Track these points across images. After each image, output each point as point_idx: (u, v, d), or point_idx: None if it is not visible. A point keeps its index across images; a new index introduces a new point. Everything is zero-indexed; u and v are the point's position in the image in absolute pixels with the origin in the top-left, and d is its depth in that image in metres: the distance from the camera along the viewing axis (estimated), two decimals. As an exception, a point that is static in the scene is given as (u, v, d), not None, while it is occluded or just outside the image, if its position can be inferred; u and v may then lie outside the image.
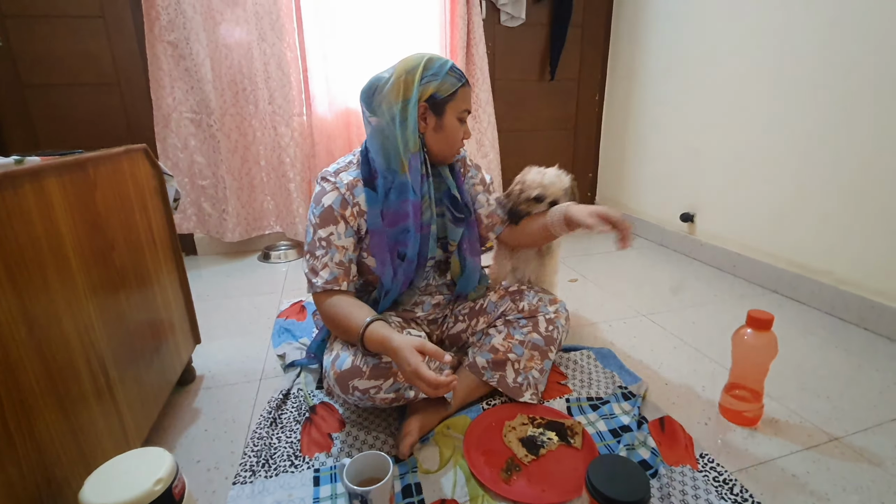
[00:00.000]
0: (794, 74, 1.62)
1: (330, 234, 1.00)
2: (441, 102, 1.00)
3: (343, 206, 1.01)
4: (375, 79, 1.02)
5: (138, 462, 0.62)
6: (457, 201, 1.11)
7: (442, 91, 0.99)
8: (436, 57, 1.01)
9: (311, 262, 1.01)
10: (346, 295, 1.01)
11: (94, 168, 0.83)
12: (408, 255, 1.04)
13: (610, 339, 1.44)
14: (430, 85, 0.98)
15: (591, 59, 2.60)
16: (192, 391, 1.20)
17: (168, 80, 1.99)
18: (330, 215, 1.00)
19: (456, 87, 1.00)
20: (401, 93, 0.98)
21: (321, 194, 1.02)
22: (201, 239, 2.29)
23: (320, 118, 2.18)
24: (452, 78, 1.00)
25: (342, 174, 1.04)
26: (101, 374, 0.78)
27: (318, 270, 1.00)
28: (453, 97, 1.00)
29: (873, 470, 0.92)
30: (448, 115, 1.01)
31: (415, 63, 0.99)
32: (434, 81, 0.98)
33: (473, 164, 1.24)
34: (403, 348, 0.83)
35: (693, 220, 2.14)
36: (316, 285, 1.00)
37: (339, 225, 1.01)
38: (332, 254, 1.00)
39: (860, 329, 1.48)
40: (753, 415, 1.04)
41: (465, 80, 1.02)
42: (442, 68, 0.99)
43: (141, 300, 0.96)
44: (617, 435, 1.00)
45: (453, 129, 1.03)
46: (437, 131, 1.02)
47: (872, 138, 1.41)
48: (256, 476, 0.90)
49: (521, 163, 2.61)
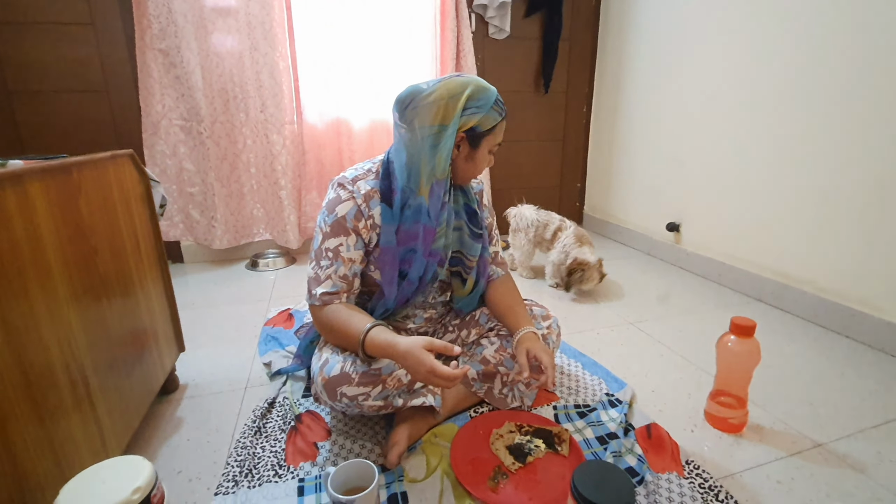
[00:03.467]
0: (775, 89, 1.67)
1: (339, 246, 0.97)
2: (479, 135, 0.96)
3: (357, 217, 0.97)
4: (415, 89, 0.96)
5: (116, 471, 0.60)
6: (476, 216, 1.08)
7: (483, 125, 0.95)
8: (483, 86, 0.95)
9: (316, 270, 0.98)
10: (343, 304, 0.98)
11: (78, 172, 0.83)
12: (409, 275, 1.01)
13: (598, 347, 1.44)
14: (474, 117, 0.94)
15: (578, 71, 2.65)
16: (175, 400, 1.18)
17: (158, 87, 1.98)
18: (342, 226, 0.97)
19: (497, 122, 0.96)
20: (439, 116, 0.92)
21: (336, 202, 0.98)
22: (189, 246, 2.27)
23: (311, 127, 2.18)
24: (495, 113, 0.95)
25: (360, 182, 1.00)
26: (81, 383, 0.77)
27: (321, 280, 0.97)
28: (492, 131, 0.97)
29: (856, 476, 0.93)
30: (483, 148, 0.98)
31: (460, 89, 0.93)
32: (478, 114, 0.94)
33: (489, 206, 1.22)
34: (413, 349, 0.82)
35: (679, 229, 2.17)
36: (315, 295, 0.97)
37: (350, 237, 0.97)
38: (338, 266, 0.97)
39: (842, 337, 1.51)
40: (738, 421, 1.05)
41: (505, 115, 0.99)
42: (488, 101, 0.94)
43: (124, 307, 0.95)
44: (604, 442, 1.00)
45: (483, 160, 1.01)
46: (467, 161, 0.99)
47: (853, 150, 1.45)
48: (239, 486, 0.88)
49: (511, 173, 2.68)
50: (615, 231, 2.63)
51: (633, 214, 2.51)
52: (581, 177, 2.87)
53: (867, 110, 1.40)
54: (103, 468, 0.61)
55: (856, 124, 1.43)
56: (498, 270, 1.18)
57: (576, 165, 2.84)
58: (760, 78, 1.71)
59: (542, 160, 2.75)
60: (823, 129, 1.52)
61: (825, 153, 1.52)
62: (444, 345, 0.83)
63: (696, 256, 2.07)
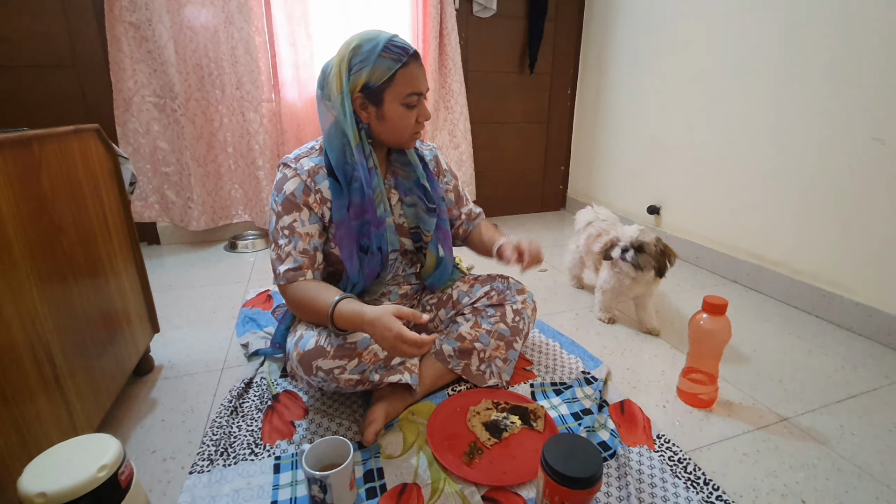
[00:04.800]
0: (752, 74, 1.67)
1: (293, 222, 0.97)
2: (377, 91, 0.91)
3: (305, 192, 0.98)
4: (326, 64, 0.96)
5: (82, 448, 0.60)
6: (427, 191, 1.08)
7: (375, 78, 0.90)
8: (367, 37, 0.90)
9: (276, 251, 0.99)
10: (310, 281, 0.98)
11: (39, 146, 0.79)
12: (370, 248, 1.02)
13: (576, 327, 1.46)
14: (361, 73, 0.90)
15: (564, 52, 2.63)
16: (150, 381, 1.16)
17: (129, 62, 1.91)
18: (292, 202, 0.97)
19: (393, 69, 0.89)
20: (338, 84, 0.92)
21: (282, 181, 0.99)
22: (165, 228, 2.22)
23: (289, 105, 2.13)
24: (387, 60, 0.89)
25: (303, 160, 1.00)
26: (47, 362, 0.75)
27: (282, 259, 0.97)
28: (391, 82, 0.90)
29: (819, 448, 0.97)
30: (388, 104, 0.93)
31: (344, 50, 0.91)
32: (364, 69, 0.89)
33: (451, 170, 1.21)
34: (381, 316, 0.81)
35: (659, 212, 2.20)
36: (279, 274, 0.97)
37: (303, 212, 0.98)
38: (296, 242, 0.97)
39: (812, 317, 1.55)
40: (709, 397, 1.08)
41: (406, 58, 0.90)
42: (372, 52, 0.88)
43: (92, 287, 0.92)
44: (579, 418, 1.02)
45: (398, 117, 0.94)
46: (380, 121, 0.95)
47: (825, 136, 1.47)
48: (214, 465, 0.88)
49: (494, 155, 2.66)
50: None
51: (615, 197, 2.52)
52: (565, 159, 2.87)
53: (844, 97, 1.42)
54: (69, 446, 0.60)
55: (832, 110, 1.45)
56: (475, 223, 1.24)
57: (560, 148, 2.83)
58: (743, 64, 1.71)
59: (526, 142, 2.74)
60: (801, 116, 1.54)
61: (801, 139, 1.54)
62: (412, 312, 0.83)
63: (676, 239, 2.10)
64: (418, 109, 0.97)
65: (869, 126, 1.36)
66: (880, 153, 1.34)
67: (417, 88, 0.93)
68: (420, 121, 0.98)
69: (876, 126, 1.34)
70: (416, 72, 0.93)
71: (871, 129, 1.35)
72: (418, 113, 0.97)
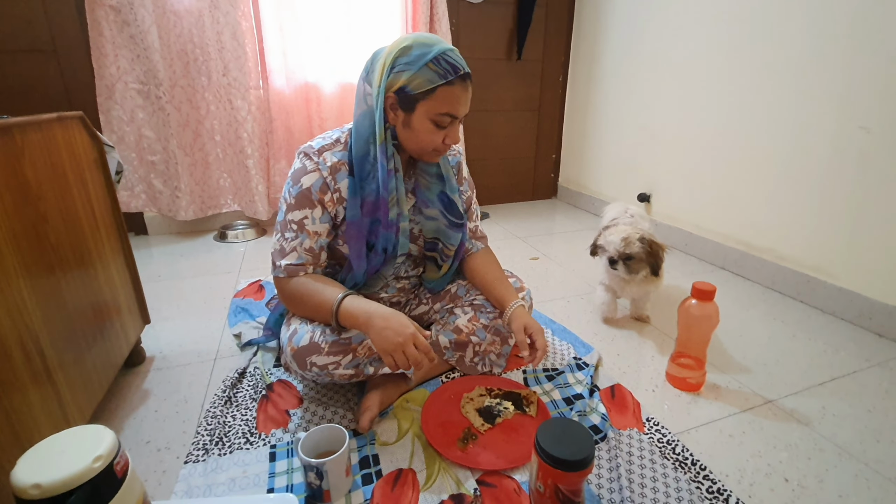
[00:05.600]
0: (743, 62, 1.68)
1: (304, 218, 0.94)
2: (411, 98, 0.86)
3: (323, 190, 0.93)
4: (378, 51, 0.91)
5: (76, 440, 0.59)
6: (453, 206, 1.04)
7: (414, 86, 0.85)
8: (422, 42, 0.85)
9: (280, 242, 0.95)
10: (311, 276, 0.95)
11: (21, 134, 0.78)
12: (376, 246, 0.99)
13: (568, 314, 1.48)
14: (402, 76, 0.85)
15: (555, 39, 2.61)
16: (142, 372, 1.16)
17: (111, 47, 1.86)
18: (307, 198, 0.93)
19: (435, 84, 0.84)
20: (379, 77, 0.87)
21: (301, 172, 0.94)
22: (153, 218, 2.19)
23: (278, 92, 2.10)
24: (432, 73, 0.84)
25: (326, 154, 0.95)
26: (36, 354, 0.74)
27: (285, 252, 0.94)
28: (428, 95, 0.85)
29: (801, 429, 1.00)
30: (419, 115, 0.88)
31: (395, 46, 0.86)
32: (407, 72, 0.85)
33: (470, 180, 1.17)
34: (398, 314, 0.84)
35: (650, 200, 2.21)
36: (279, 267, 0.94)
37: (316, 210, 0.94)
38: (303, 239, 0.94)
39: (797, 302, 1.59)
40: (697, 381, 1.10)
41: (453, 77, 0.85)
42: (420, 58, 0.84)
43: (80, 278, 0.91)
44: (570, 403, 1.04)
45: (424, 131, 0.89)
46: (405, 127, 0.91)
47: (813, 124, 1.49)
48: (209, 454, 0.88)
49: (485, 143, 2.65)
50: (588, 202, 2.66)
51: (606, 185, 2.54)
52: (556, 147, 2.87)
53: (831, 85, 1.43)
54: (62, 438, 0.60)
55: (819, 98, 1.46)
56: (477, 244, 1.17)
57: (551, 136, 2.83)
58: (732, 52, 1.72)
59: (518, 130, 2.73)
60: (788, 104, 1.55)
61: (789, 127, 1.56)
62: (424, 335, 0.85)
63: (666, 227, 2.12)
64: (448, 131, 0.91)
65: (855, 114, 1.38)
66: (866, 142, 1.36)
67: (454, 111, 0.88)
68: (447, 143, 0.93)
69: (862, 114, 1.36)
70: (460, 94, 0.87)
71: (857, 118, 1.37)
72: (446, 134, 0.91)
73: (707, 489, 0.83)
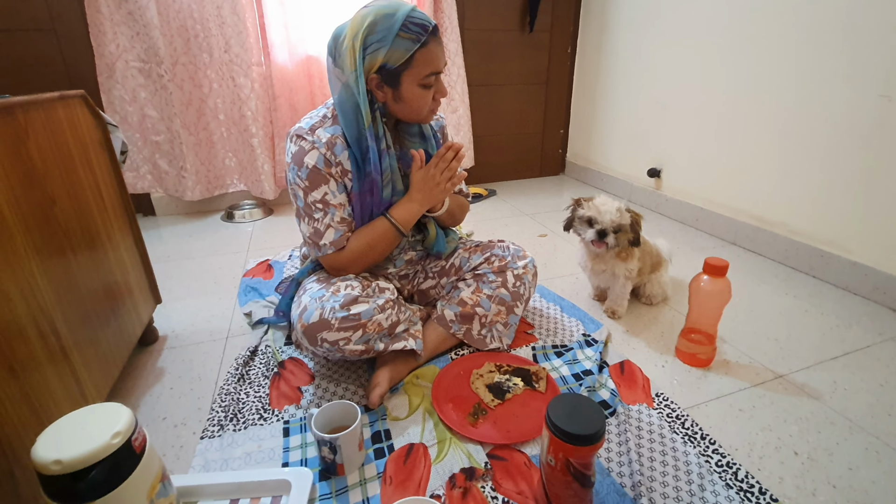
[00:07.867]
0: (754, 35, 1.62)
1: (325, 195, 0.96)
2: (394, 73, 0.87)
3: (327, 165, 0.95)
4: (338, 30, 0.90)
5: (94, 417, 0.60)
6: None
7: (393, 60, 0.86)
8: (385, 12, 0.85)
9: (312, 225, 0.97)
10: (352, 235, 1.01)
11: (23, 114, 0.77)
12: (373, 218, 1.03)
13: (576, 290, 1.47)
14: (378, 54, 0.85)
15: (564, 8, 2.53)
16: (156, 351, 1.17)
17: (109, 24, 1.83)
18: (318, 174, 0.95)
19: (411, 51, 0.85)
20: (351, 61, 0.87)
21: (301, 154, 0.95)
22: (159, 198, 2.19)
23: (280, 68, 2.06)
24: (405, 41, 0.84)
25: (319, 131, 0.95)
26: (52, 334, 0.75)
27: (322, 233, 0.97)
28: (409, 64, 0.86)
29: (812, 403, 1.00)
30: (406, 85, 0.89)
31: (360, 24, 0.85)
32: (382, 49, 0.85)
33: None
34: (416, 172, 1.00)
35: (659, 175, 2.17)
36: (325, 247, 0.98)
37: (330, 182, 0.96)
38: (333, 213, 0.97)
39: (809, 277, 1.57)
40: (707, 356, 1.10)
41: (426, 37, 0.86)
42: (389, 31, 0.83)
43: (91, 259, 0.92)
44: (579, 379, 1.04)
45: (415, 97, 0.91)
46: (396, 102, 0.93)
47: (831, 94, 1.44)
48: (225, 430, 0.90)
49: (492, 118, 2.60)
50: (597, 178, 2.62)
51: (614, 161, 2.49)
52: (564, 122, 2.81)
53: (851, 53, 1.37)
54: (81, 415, 0.61)
55: (838, 67, 1.41)
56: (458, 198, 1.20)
57: (559, 110, 2.77)
58: (744, 25, 1.65)
59: (525, 104, 2.67)
60: (804, 74, 1.50)
61: (804, 98, 1.51)
62: None
63: (675, 202, 2.09)
64: (435, 87, 0.93)
65: (877, 82, 1.33)
66: (886, 111, 1.32)
67: (436, 68, 0.90)
68: (437, 98, 0.95)
69: (882, 83, 1.31)
70: (435, 50, 0.88)
71: (879, 86, 1.32)
72: (435, 90, 0.94)
73: (717, 462, 0.83)
